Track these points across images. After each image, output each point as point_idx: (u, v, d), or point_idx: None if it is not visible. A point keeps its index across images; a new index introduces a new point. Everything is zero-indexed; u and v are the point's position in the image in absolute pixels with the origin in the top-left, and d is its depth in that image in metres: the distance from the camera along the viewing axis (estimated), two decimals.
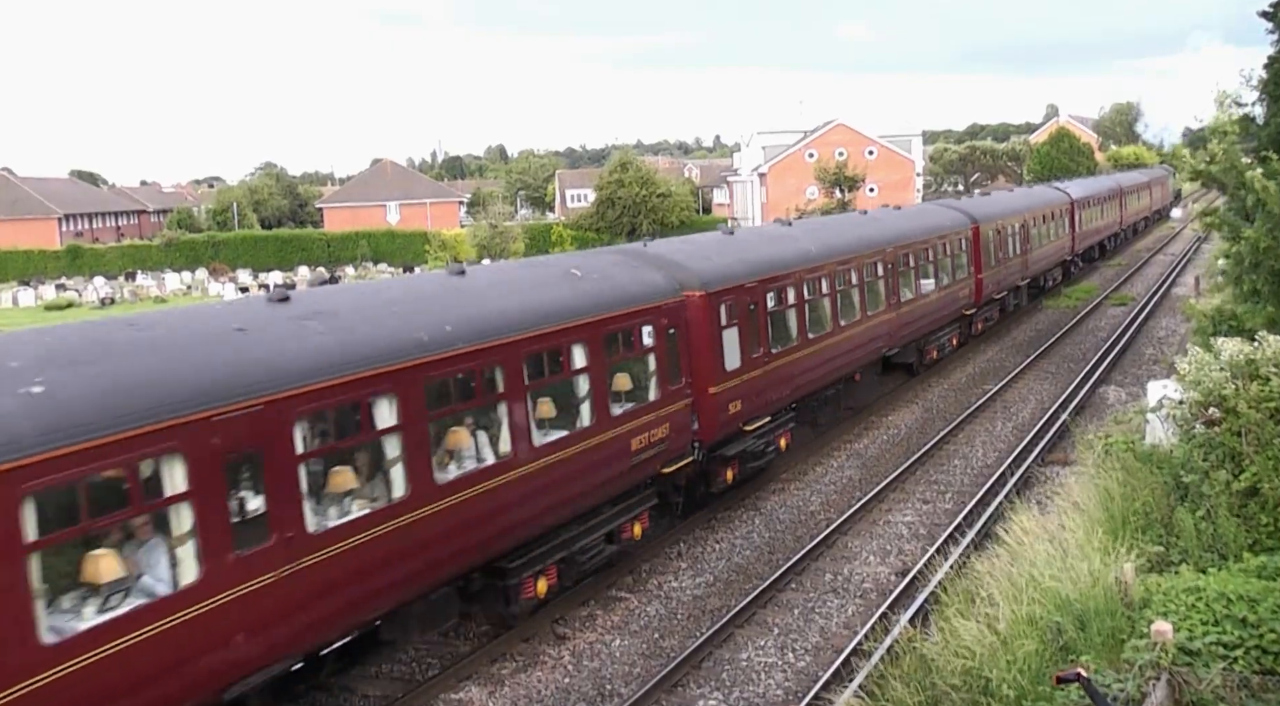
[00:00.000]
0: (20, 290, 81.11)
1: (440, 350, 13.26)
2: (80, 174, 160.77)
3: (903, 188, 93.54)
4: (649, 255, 19.40)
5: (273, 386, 11.15)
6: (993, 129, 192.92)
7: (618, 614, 16.09)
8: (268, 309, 12.69)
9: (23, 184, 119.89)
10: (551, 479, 14.91)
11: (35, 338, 10.90)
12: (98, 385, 9.90)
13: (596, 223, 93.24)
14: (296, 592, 11.22)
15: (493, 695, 13.83)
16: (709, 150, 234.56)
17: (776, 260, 22.11)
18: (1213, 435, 13.71)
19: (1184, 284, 47.80)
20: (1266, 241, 19.42)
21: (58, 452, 9.20)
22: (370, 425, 12.50)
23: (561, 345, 15.42)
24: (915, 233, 30.07)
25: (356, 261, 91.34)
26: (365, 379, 12.20)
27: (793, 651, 14.67)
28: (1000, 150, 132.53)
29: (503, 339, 14.26)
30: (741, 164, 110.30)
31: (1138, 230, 74.63)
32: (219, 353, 11.17)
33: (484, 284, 15.66)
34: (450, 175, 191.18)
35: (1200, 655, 9.57)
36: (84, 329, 11.70)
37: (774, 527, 19.51)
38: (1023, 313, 42.02)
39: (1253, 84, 23.88)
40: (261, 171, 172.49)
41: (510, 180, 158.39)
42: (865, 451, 24.19)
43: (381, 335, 12.85)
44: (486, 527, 13.89)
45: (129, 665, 9.65)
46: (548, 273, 17.16)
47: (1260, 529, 12.70)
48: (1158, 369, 28.39)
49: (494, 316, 14.47)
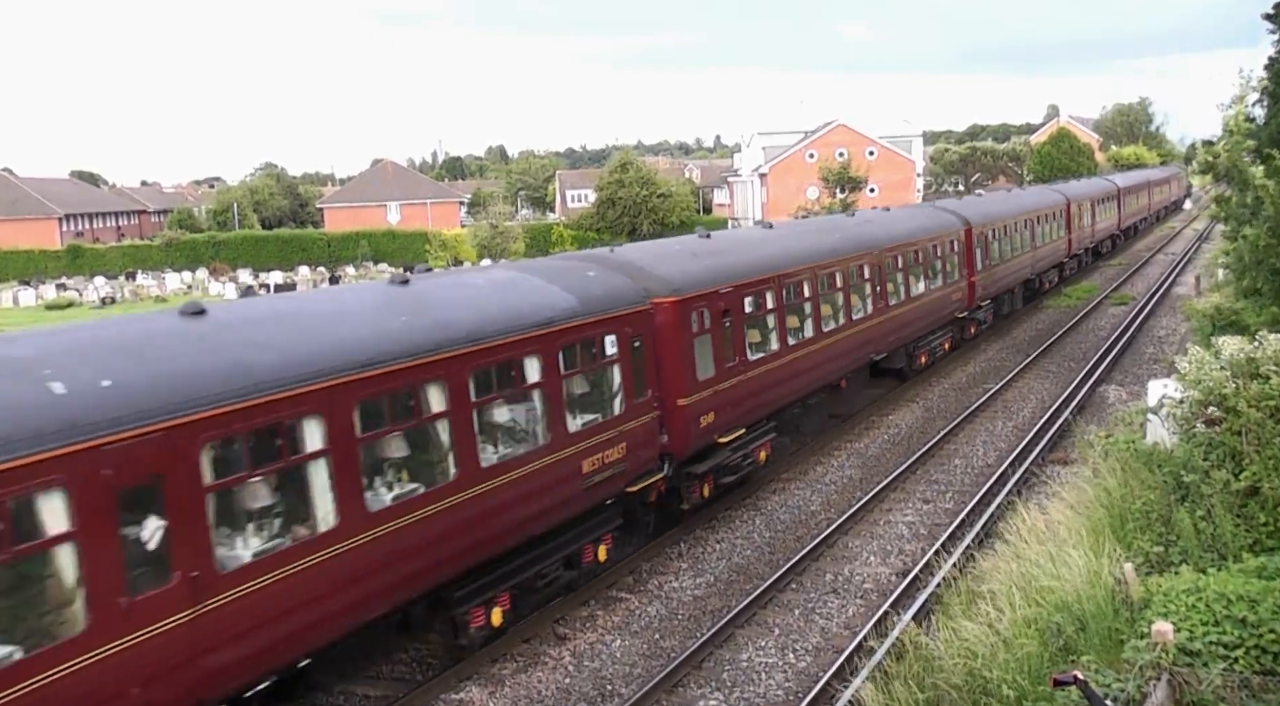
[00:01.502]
0: (21, 290, 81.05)
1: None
2: (80, 174, 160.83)
3: (903, 188, 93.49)
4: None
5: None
6: (993, 129, 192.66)
7: (618, 614, 16.09)
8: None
9: (23, 184, 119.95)
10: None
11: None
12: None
13: (597, 223, 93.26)
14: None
15: (493, 695, 13.83)
16: (709, 150, 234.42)
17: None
18: (1213, 434, 13.69)
19: (1184, 283, 47.82)
20: (1266, 240, 19.44)
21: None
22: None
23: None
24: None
25: (357, 261, 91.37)
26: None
27: (793, 652, 14.66)
28: (1001, 151, 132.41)
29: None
30: (742, 164, 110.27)
31: (1159, 217, 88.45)
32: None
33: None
34: (450, 175, 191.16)
35: (1200, 655, 9.57)
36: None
37: (774, 527, 19.51)
38: (1022, 312, 42.02)
39: (1253, 85, 23.93)
40: (262, 171, 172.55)
41: (510, 180, 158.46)
42: (865, 451, 24.19)
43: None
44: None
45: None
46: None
47: (1260, 529, 12.69)
48: (1158, 368, 28.39)
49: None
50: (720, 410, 19.26)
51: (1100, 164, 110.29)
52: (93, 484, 9.44)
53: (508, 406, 14.83)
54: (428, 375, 13.05)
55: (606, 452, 16.15)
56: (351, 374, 12.00)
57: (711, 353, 19.10)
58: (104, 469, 9.53)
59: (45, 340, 10.98)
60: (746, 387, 20.22)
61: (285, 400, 11.25)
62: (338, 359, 11.97)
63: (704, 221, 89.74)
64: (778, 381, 21.53)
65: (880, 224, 29.70)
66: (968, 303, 34.13)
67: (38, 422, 9.24)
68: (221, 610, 10.50)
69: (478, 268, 20.68)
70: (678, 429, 18.09)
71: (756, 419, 20.88)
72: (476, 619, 14.00)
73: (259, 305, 14.16)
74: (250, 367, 11.15)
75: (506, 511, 14.13)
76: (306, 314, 13.23)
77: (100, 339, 11.10)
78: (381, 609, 12.63)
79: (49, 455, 9.16)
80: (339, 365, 11.91)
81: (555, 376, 15.21)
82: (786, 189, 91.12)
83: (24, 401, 9.40)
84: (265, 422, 11.12)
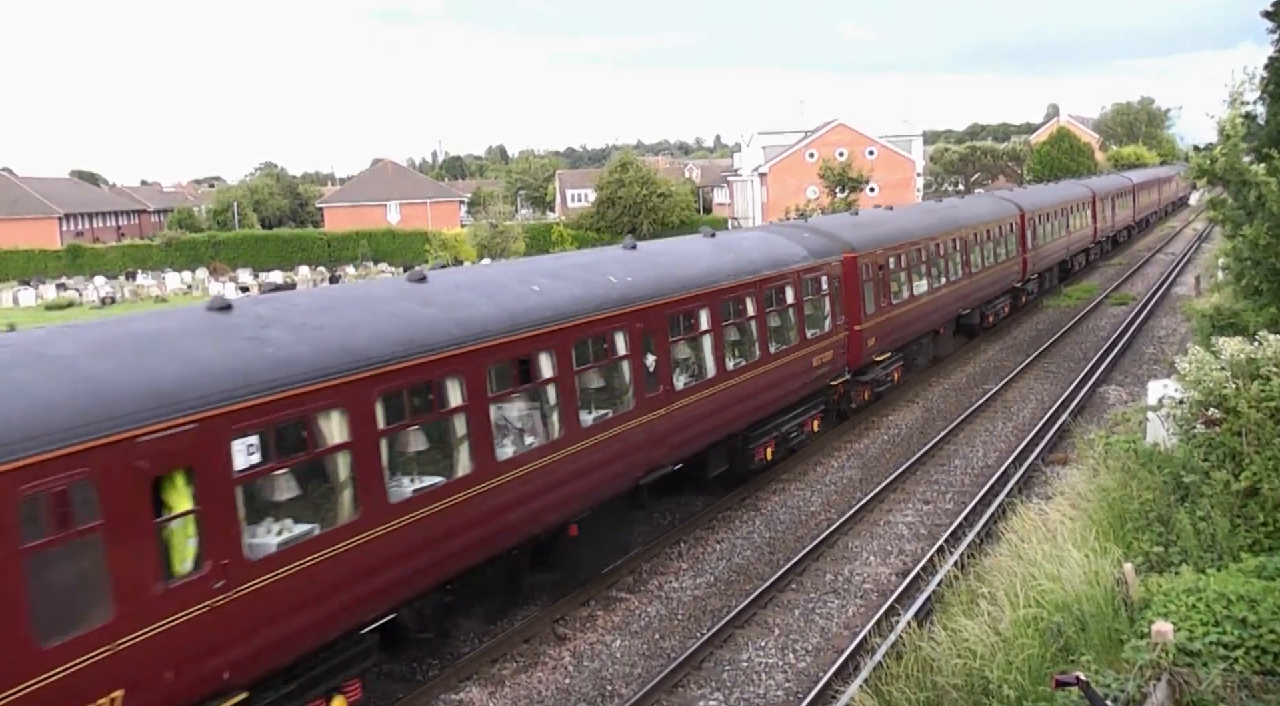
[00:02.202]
0: (21, 290, 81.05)
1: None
2: (80, 174, 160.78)
3: (903, 187, 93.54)
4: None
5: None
6: (993, 129, 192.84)
7: (618, 614, 16.09)
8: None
9: (23, 184, 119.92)
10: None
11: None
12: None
13: (597, 222, 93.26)
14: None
15: (493, 695, 13.83)
16: (709, 150, 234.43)
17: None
18: (1213, 435, 13.70)
19: (1184, 283, 47.81)
20: (1266, 239, 19.42)
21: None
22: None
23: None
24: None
25: (357, 261, 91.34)
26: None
27: (793, 652, 14.66)
28: (1001, 150, 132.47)
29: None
30: (742, 164, 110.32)
31: (1168, 211, 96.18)
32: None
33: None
34: (450, 175, 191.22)
35: (1200, 655, 9.58)
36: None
37: (774, 528, 19.51)
38: (1022, 312, 42.06)
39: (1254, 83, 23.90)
40: (262, 171, 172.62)
41: (510, 180, 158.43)
42: (865, 451, 24.19)
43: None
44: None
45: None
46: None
47: (1260, 529, 12.71)
48: (1158, 368, 28.38)
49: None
50: (880, 337, 26.19)
51: (1100, 163, 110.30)
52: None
53: (779, 317, 21.82)
54: (743, 291, 20.29)
55: (823, 355, 23.23)
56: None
57: (873, 295, 25.82)
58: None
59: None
60: (893, 323, 27.16)
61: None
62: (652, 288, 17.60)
63: (703, 221, 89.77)
64: (907, 322, 28.43)
65: (963, 208, 36.83)
66: (1022, 275, 40.98)
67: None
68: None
69: (744, 230, 32.45)
70: (854, 348, 24.85)
71: (896, 347, 27.78)
72: (759, 453, 20.62)
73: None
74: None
75: (780, 385, 21.32)
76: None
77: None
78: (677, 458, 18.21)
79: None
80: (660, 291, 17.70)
81: (800, 300, 22.42)
82: (786, 188, 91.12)
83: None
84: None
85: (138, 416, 9.66)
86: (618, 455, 16.29)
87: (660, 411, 17.35)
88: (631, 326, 16.74)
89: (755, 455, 20.50)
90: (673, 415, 17.71)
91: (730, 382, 19.49)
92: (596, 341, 16.25)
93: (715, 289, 19.33)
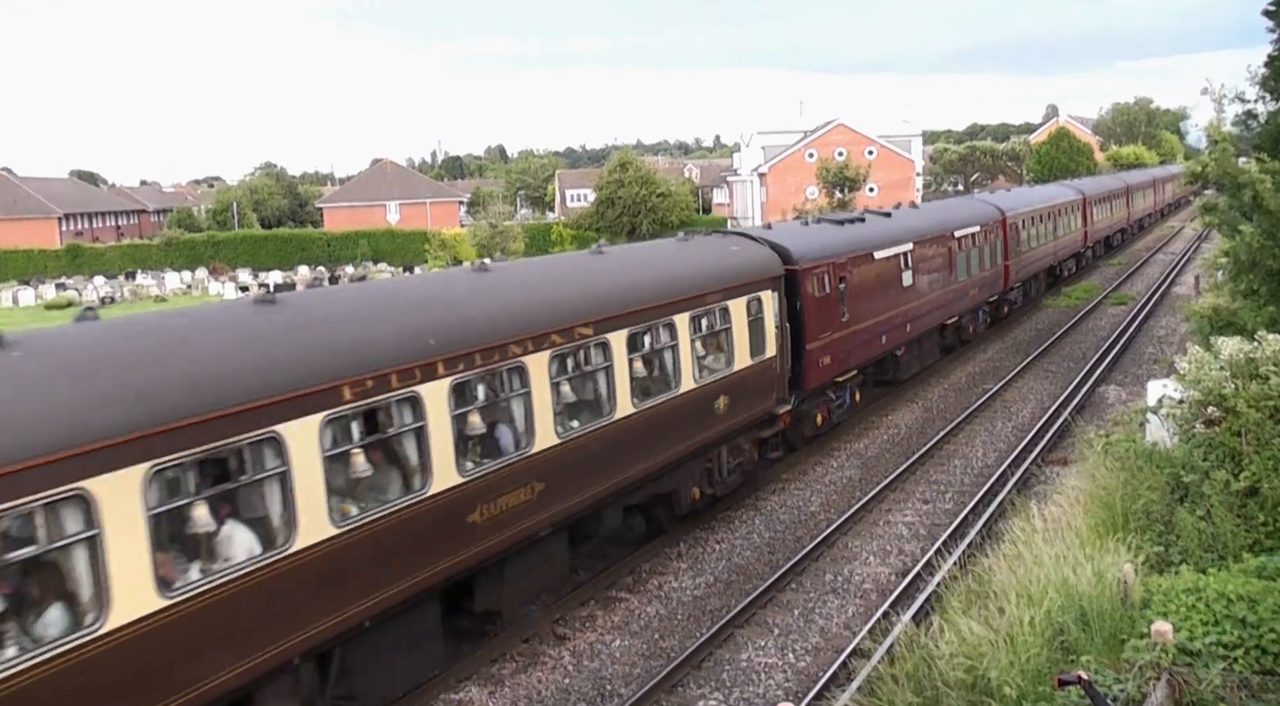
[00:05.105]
0: (20, 289, 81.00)
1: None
2: (80, 174, 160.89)
3: (902, 187, 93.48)
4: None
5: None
6: (993, 129, 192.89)
7: (618, 614, 16.09)
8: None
9: (23, 184, 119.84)
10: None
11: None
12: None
13: (596, 222, 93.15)
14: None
15: (493, 695, 13.83)
16: (709, 150, 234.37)
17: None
18: (1212, 435, 13.71)
19: (1184, 283, 47.81)
20: (1261, 241, 19.43)
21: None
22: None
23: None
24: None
25: (357, 261, 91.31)
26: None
27: (793, 652, 14.66)
28: (1000, 150, 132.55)
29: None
30: (741, 164, 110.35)
31: (1164, 213, 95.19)
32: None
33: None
34: (450, 175, 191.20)
35: (1200, 655, 9.59)
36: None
37: (774, 527, 19.51)
38: (1022, 312, 42.05)
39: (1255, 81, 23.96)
40: (261, 171, 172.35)
41: (510, 180, 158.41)
42: (865, 451, 24.18)
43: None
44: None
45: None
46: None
47: (1260, 529, 12.71)
48: (1158, 368, 28.36)
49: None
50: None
51: (1100, 163, 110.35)
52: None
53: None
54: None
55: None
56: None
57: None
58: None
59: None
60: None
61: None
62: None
63: (703, 221, 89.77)
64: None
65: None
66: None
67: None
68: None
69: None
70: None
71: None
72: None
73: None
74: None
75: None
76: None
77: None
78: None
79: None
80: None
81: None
82: (786, 188, 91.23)
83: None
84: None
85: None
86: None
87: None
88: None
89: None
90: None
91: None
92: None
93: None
